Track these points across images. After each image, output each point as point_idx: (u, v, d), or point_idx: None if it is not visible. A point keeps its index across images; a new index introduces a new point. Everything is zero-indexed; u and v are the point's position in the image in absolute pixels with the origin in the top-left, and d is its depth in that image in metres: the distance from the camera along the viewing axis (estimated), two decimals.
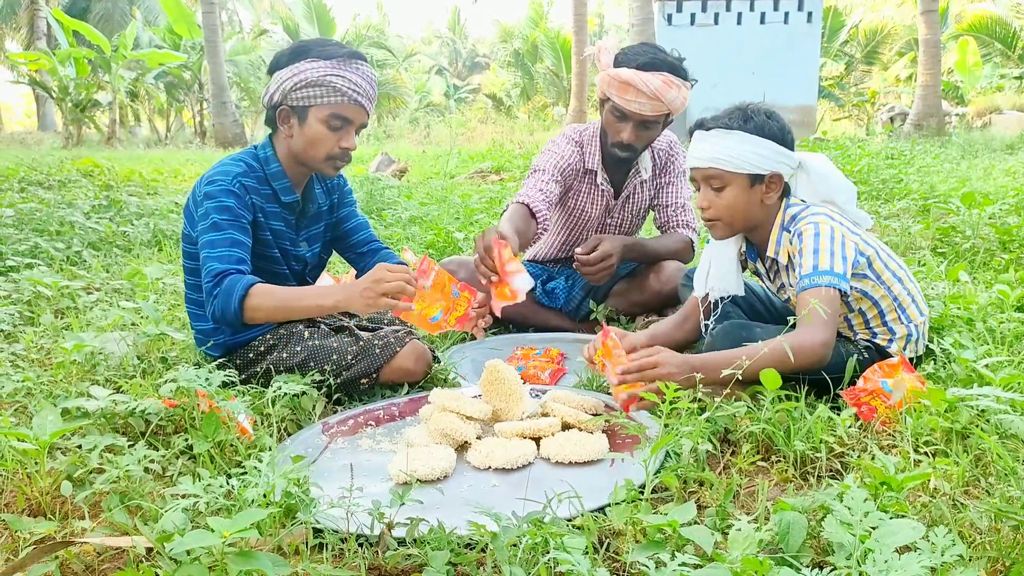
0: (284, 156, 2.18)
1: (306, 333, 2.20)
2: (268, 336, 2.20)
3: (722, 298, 2.24)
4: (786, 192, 2.10)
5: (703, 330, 2.25)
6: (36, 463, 1.56)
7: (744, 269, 2.27)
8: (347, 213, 2.43)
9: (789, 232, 2.04)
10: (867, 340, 2.11)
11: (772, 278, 2.21)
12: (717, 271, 2.19)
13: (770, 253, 2.10)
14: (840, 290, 1.89)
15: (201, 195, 2.09)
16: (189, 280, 2.23)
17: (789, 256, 2.05)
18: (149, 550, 1.34)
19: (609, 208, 2.89)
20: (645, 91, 2.50)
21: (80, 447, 1.63)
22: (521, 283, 2.07)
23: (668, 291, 2.71)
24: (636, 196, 2.90)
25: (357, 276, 2.46)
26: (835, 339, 1.87)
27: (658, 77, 2.49)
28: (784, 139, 2.01)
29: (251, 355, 2.20)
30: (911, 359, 2.11)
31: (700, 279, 2.24)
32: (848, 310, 2.10)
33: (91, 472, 1.57)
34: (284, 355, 2.17)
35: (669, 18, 14.11)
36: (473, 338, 2.82)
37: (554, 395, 2.01)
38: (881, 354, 2.08)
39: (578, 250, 2.65)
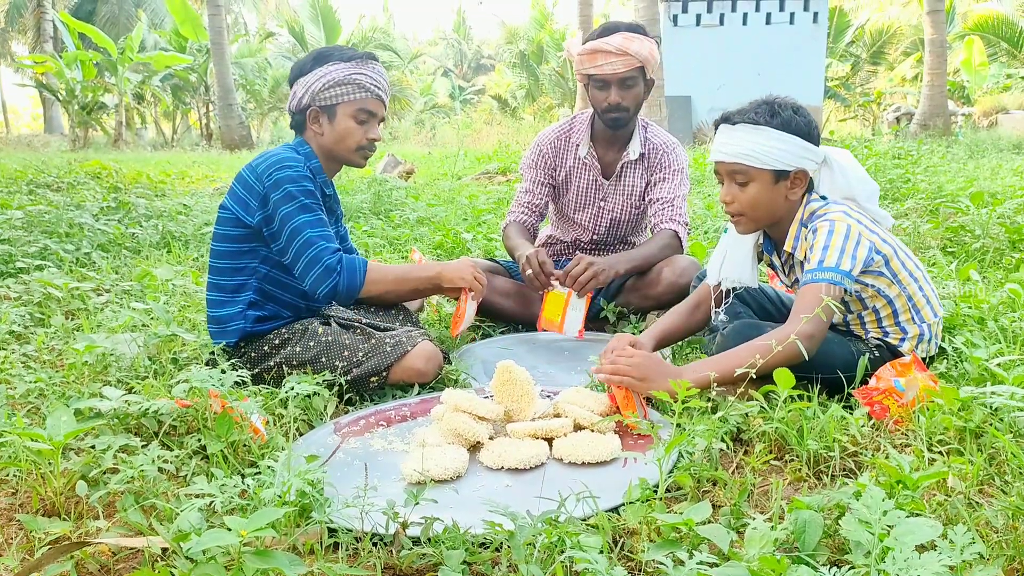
0: (318, 153, 2.32)
1: (320, 329, 2.24)
2: (283, 330, 2.26)
3: (734, 289, 2.24)
4: (809, 187, 2.09)
5: (712, 317, 2.26)
6: (50, 463, 1.56)
7: (760, 261, 2.27)
8: (345, 231, 2.59)
9: (807, 228, 2.03)
10: (879, 339, 2.10)
11: (787, 272, 2.20)
12: (732, 260, 2.19)
13: (787, 248, 2.09)
14: (843, 287, 1.89)
15: (276, 177, 2.18)
16: (221, 265, 2.26)
17: (805, 252, 2.05)
18: (164, 550, 1.34)
19: (600, 187, 3.02)
20: (611, 49, 2.74)
21: (94, 447, 1.63)
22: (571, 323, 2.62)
23: (683, 283, 2.72)
24: (627, 177, 3.00)
25: None
26: (824, 334, 1.86)
27: (617, 35, 2.76)
28: (810, 134, 2.00)
29: (266, 348, 2.24)
30: (923, 359, 2.10)
31: (714, 267, 2.24)
32: (862, 307, 2.09)
33: (105, 472, 1.58)
34: (298, 349, 2.21)
35: (675, 19, 14.10)
36: (485, 336, 2.84)
37: (566, 396, 2.01)
38: (892, 353, 2.08)
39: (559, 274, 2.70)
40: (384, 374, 2.18)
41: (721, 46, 14.00)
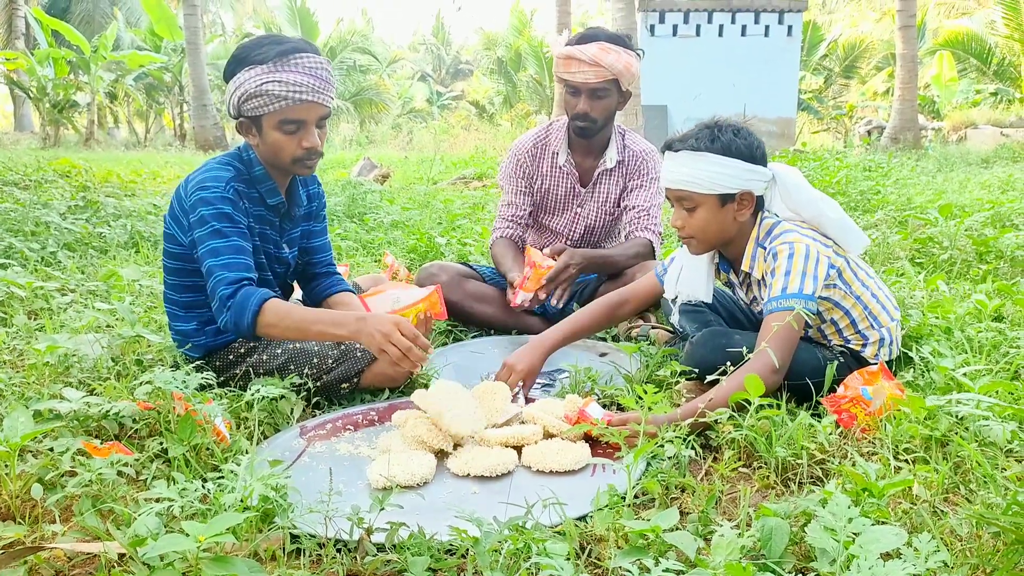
0: (263, 160, 2.15)
1: None
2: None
3: (689, 301, 2.27)
4: (760, 206, 2.10)
5: (675, 325, 2.35)
6: (6, 466, 1.52)
7: (717, 278, 2.28)
8: (320, 229, 2.43)
9: (764, 248, 2.04)
10: (842, 347, 2.12)
11: (746, 291, 2.21)
12: (687, 275, 2.20)
13: (744, 268, 2.10)
14: (807, 311, 1.89)
15: (194, 199, 2.04)
16: (170, 280, 2.19)
17: (763, 273, 2.05)
18: (121, 555, 1.31)
19: (577, 194, 3.00)
20: (584, 59, 2.72)
21: (52, 450, 1.59)
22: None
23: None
24: (603, 185, 2.99)
25: (303, 293, 2.48)
26: (788, 363, 1.87)
27: (593, 45, 2.73)
28: (752, 155, 1.99)
29: (231, 357, 2.18)
30: (887, 361, 2.12)
31: (671, 281, 2.25)
32: (821, 321, 2.10)
33: (63, 475, 1.54)
34: (264, 357, 2.15)
35: (652, 29, 14.21)
36: (456, 340, 2.82)
37: (537, 404, 1.99)
38: (857, 359, 2.09)
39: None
40: (355, 380, 2.14)
41: (697, 57, 14.14)
